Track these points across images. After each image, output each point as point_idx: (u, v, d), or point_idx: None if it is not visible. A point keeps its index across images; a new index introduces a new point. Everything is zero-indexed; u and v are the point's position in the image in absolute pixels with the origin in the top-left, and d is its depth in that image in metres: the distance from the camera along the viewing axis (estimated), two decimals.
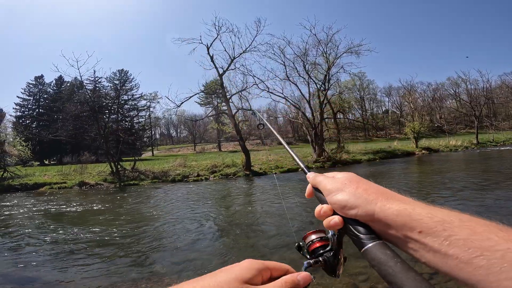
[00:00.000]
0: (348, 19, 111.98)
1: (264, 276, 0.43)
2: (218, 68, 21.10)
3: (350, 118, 49.34)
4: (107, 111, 39.97)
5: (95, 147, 27.59)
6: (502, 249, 0.32)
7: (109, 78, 47.30)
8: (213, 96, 35.67)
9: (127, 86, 49.76)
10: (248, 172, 17.86)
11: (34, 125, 44.96)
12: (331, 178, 0.51)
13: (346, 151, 23.91)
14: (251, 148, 36.67)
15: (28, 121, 45.35)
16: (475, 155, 22.73)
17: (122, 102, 46.63)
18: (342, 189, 0.48)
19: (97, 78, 41.90)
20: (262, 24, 24.27)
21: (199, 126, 60.99)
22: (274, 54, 23.87)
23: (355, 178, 0.49)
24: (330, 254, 0.46)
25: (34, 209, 10.48)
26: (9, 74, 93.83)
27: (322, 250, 0.47)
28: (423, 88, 62.92)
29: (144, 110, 51.95)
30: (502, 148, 27.07)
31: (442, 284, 3.44)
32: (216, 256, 5.13)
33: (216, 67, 21.02)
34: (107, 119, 30.96)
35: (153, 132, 63.73)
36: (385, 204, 0.43)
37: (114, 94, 40.92)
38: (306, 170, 0.62)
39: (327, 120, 27.89)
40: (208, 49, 20.72)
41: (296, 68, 24.39)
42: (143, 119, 52.43)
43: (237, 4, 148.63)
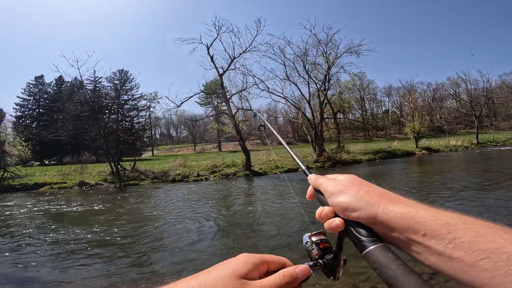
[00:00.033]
0: (348, 19, 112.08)
1: (261, 270, 0.43)
2: (218, 68, 21.14)
3: (350, 118, 49.36)
4: (107, 111, 39.98)
5: (95, 147, 27.60)
6: (508, 252, 0.32)
7: (109, 78, 47.40)
8: (213, 96, 35.69)
9: (127, 86, 49.79)
10: (248, 172, 17.86)
11: (34, 125, 44.98)
12: (333, 180, 0.51)
13: (346, 151, 23.90)
14: (251, 148, 36.67)
15: (28, 121, 45.37)
16: (475, 155, 22.72)
17: (122, 102, 46.65)
18: (344, 191, 0.47)
19: (97, 78, 41.98)
20: (262, 24, 24.28)
21: (199, 126, 61.02)
22: (274, 54, 23.91)
23: (357, 180, 0.49)
24: (330, 257, 0.46)
25: (34, 209, 10.48)
26: (9, 74, 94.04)
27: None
28: (423, 88, 63.09)
29: (144, 110, 52.01)
30: (502, 148, 27.06)
31: (442, 284, 3.44)
32: (216, 256, 5.13)
33: (216, 67, 21.06)
34: (107, 119, 30.96)
35: (153, 132, 63.76)
36: (387, 206, 0.42)
37: (114, 94, 40.92)
38: (307, 171, 0.62)
39: (327, 120, 27.89)
40: (208, 49, 20.74)
41: (296, 68, 24.44)
42: (143, 119, 52.49)
43: (237, 4, 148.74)
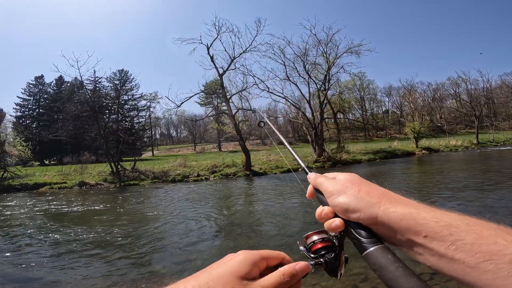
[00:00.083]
0: (348, 19, 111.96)
1: (260, 267, 0.42)
2: (218, 68, 21.15)
3: (350, 118, 49.42)
4: (107, 111, 40.01)
5: (95, 147, 27.61)
6: (510, 253, 0.32)
7: (109, 78, 47.36)
8: (213, 96, 35.70)
9: (127, 86, 49.78)
10: (248, 172, 17.86)
11: (34, 125, 44.97)
12: (333, 180, 0.50)
13: (346, 151, 23.90)
14: (251, 148, 36.68)
15: (28, 121, 45.38)
16: (475, 155, 22.72)
17: (122, 102, 46.65)
18: (344, 191, 0.47)
19: (97, 78, 41.98)
20: (262, 24, 24.23)
21: (199, 126, 61.01)
22: (274, 54, 23.91)
23: (357, 180, 0.48)
24: (331, 256, 0.46)
25: (34, 209, 10.48)
26: (9, 74, 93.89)
27: (324, 251, 0.47)
28: (423, 88, 63.03)
29: (144, 110, 52.03)
30: (502, 148, 27.06)
31: (443, 284, 3.44)
32: (216, 256, 5.11)
33: (216, 67, 21.07)
34: (107, 119, 31.00)
35: (153, 132, 63.78)
36: (388, 207, 0.42)
37: (114, 94, 40.95)
38: (307, 170, 0.62)
39: (327, 120, 27.91)
40: (208, 49, 20.76)
41: (296, 68, 24.44)
42: (143, 119, 52.50)
43: (237, 4, 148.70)
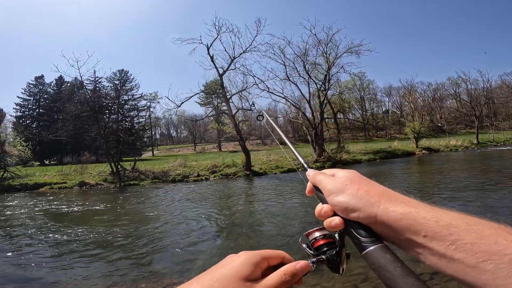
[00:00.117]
0: (348, 20, 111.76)
1: (262, 267, 0.43)
2: (218, 68, 21.14)
3: (350, 118, 49.44)
4: (107, 111, 40.03)
5: (95, 147, 27.61)
6: (510, 253, 0.31)
7: (109, 78, 47.40)
8: (213, 96, 35.71)
9: (127, 86, 49.79)
10: (248, 172, 17.86)
11: (34, 125, 44.98)
12: (332, 178, 0.50)
13: (346, 151, 23.91)
14: (251, 148, 36.67)
15: (28, 121, 45.38)
16: (475, 155, 22.72)
17: (122, 102, 46.67)
18: (343, 190, 0.46)
19: (97, 78, 41.97)
20: (262, 24, 24.21)
21: (199, 126, 61.03)
22: (274, 54, 23.88)
23: (356, 178, 0.48)
24: (333, 253, 0.46)
25: (34, 209, 10.49)
26: (9, 74, 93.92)
27: (326, 248, 0.47)
28: (423, 88, 63.06)
29: (144, 110, 52.05)
30: (502, 148, 27.05)
31: (443, 284, 3.44)
32: (217, 256, 5.13)
33: (216, 67, 21.06)
34: (107, 119, 31.03)
35: (153, 132, 63.80)
36: (388, 206, 0.41)
37: (114, 94, 40.98)
38: (306, 166, 0.62)
39: (327, 120, 27.92)
40: (208, 49, 20.75)
41: (296, 68, 24.42)
42: (143, 119, 52.52)
43: (237, 4, 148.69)
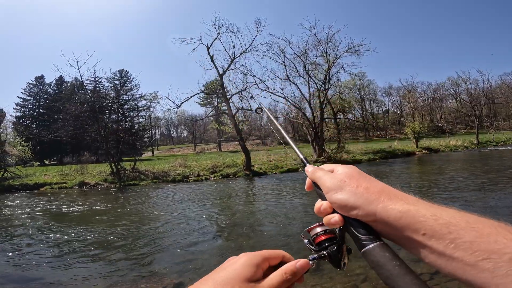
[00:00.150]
0: (348, 19, 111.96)
1: (263, 268, 0.43)
2: (218, 68, 21.13)
3: (350, 118, 49.39)
4: (108, 111, 40.04)
5: (96, 147, 27.58)
6: (510, 252, 0.31)
7: (109, 78, 47.42)
8: (213, 96, 35.68)
9: (127, 86, 49.81)
10: (248, 172, 17.86)
11: (34, 125, 45.01)
12: (330, 174, 0.50)
13: (346, 151, 23.92)
14: (251, 148, 36.66)
15: (28, 121, 45.40)
16: (475, 155, 22.72)
17: (123, 102, 46.70)
18: (342, 187, 0.46)
19: (97, 78, 41.97)
20: (262, 24, 24.17)
21: (199, 126, 61.04)
22: (274, 54, 23.91)
23: (355, 175, 0.47)
24: (334, 248, 0.46)
25: (34, 209, 10.48)
26: (9, 74, 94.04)
27: (327, 243, 0.47)
28: (424, 88, 63.09)
29: (144, 110, 52.06)
30: (502, 148, 27.04)
31: (443, 284, 3.44)
32: (217, 256, 5.13)
33: (216, 67, 21.05)
34: (107, 119, 31.03)
35: (153, 132, 63.83)
36: (387, 204, 0.41)
37: (114, 94, 40.99)
38: (305, 161, 0.61)
39: (327, 120, 27.92)
40: (208, 49, 20.75)
41: (296, 68, 24.44)
42: (143, 119, 52.54)
43: (237, 4, 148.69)
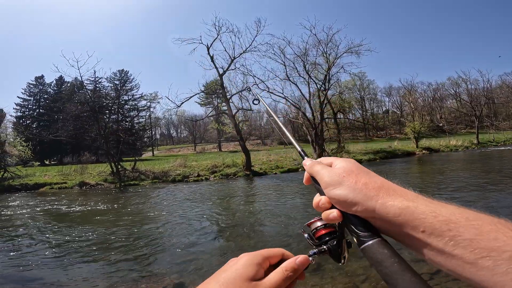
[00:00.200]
0: (348, 19, 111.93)
1: (264, 267, 0.43)
2: (218, 68, 21.14)
3: (350, 118, 49.37)
4: (108, 111, 40.04)
5: (96, 147, 27.57)
6: (510, 250, 0.31)
7: (109, 78, 47.44)
8: (213, 96, 35.66)
9: (127, 86, 49.83)
10: (248, 172, 17.86)
11: (34, 125, 45.01)
12: (329, 169, 0.49)
13: (346, 151, 23.93)
14: (251, 148, 36.66)
15: (28, 121, 45.40)
16: (475, 155, 22.71)
17: (123, 102, 46.69)
18: (341, 182, 0.45)
19: (97, 78, 41.94)
20: (262, 24, 24.17)
21: (199, 126, 61.05)
22: (274, 54, 23.86)
23: (354, 169, 0.47)
24: (334, 243, 0.46)
25: (34, 209, 10.49)
26: (9, 74, 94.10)
27: (327, 238, 0.47)
28: (424, 88, 63.12)
29: (144, 110, 52.06)
30: (502, 148, 27.03)
31: (443, 284, 3.43)
32: (217, 256, 5.12)
33: (216, 67, 21.06)
34: (107, 119, 31.07)
35: (153, 132, 63.81)
36: (386, 200, 0.41)
37: (114, 94, 41.01)
38: (302, 154, 0.60)
39: (327, 120, 27.92)
40: (208, 49, 20.76)
41: (296, 68, 24.41)
42: (144, 119, 52.54)
43: (237, 4, 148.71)
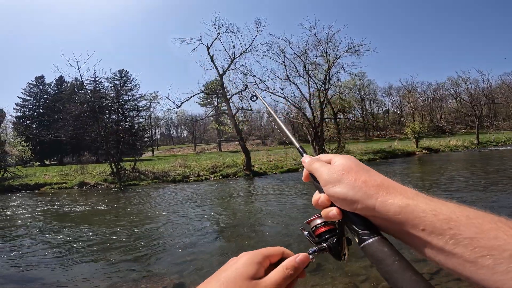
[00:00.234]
0: (348, 19, 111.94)
1: (265, 266, 0.43)
2: (218, 68, 21.15)
3: (351, 118, 49.36)
4: (108, 111, 40.04)
5: (96, 147, 27.58)
6: (510, 249, 0.31)
7: (109, 78, 47.45)
8: (213, 96, 35.67)
9: (127, 86, 49.84)
10: (248, 172, 17.86)
11: (34, 126, 45.00)
12: (328, 166, 0.49)
13: (346, 151, 23.92)
14: (251, 148, 36.66)
15: (28, 121, 45.41)
16: (475, 155, 22.71)
17: (123, 102, 46.71)
18: (340, 180, 0.45)
19: (97, 78, 41.94)
20: (262, 24, 24.19)
21: (199, 126, 61.06)
22: (274, 54, 23.87)
23: (354, 166, 0.46)
24: (334, 241, 0.46)
25: (34, 209, 10.49)
26: (9, 74, 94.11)
27: (327, 235, 0.47)
28: (424, 88, 63.09)
29: (144, 110, 52.07)
30: (502, 148, 27.02)
31: (443, 284, 3.43)
32: (218, 256, 5.12)
33: (216, 67, 21.06)
34: (107, 119, 31.08)
35: (153, 132, 63.82)
36: (386, 199, 0.41)
37: (114, 94, 41.02)
38: (301, 151, 0.60)
39: (327, 120, 27.93)
40: (208, 49, 20.76)
41: (296, 68, 24.42)
42: (144, 119, 52.55)
43: (237, 4, 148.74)
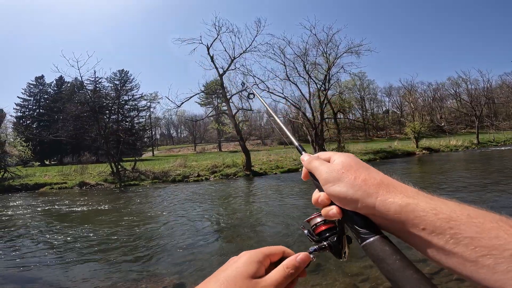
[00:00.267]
0: (348, 19, 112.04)
1: (265, 265, 0.43)
2: (218, 68, 21.14)
3: (351, 118, 49.35)
4: (108, 112, 40.05)
5: (96, 147, 27.58)
6: (511, 249, 0.31)
7: (110, 78, 47.50)
8: (213, 96, 35.68)
9: (127, 86, 49.87)
10: (248, 172, 17.86)
11: (34, 126, 45.03)
12: (327, 165, 0.48)
13: (346, 151, 23.47)
14: (251, 148, 36.68)
15: (28, 122, 45.46)
16: (475, 155, 22.69)
17: (123, 102, 46.72)
18: (339, 179, 0.44)
19: (97, 79, 41.95)
20: (262, 24, 24.21)
21: (199, 126, 61.09)
22: (274, 54, 23.88)
23: (353, 165, 0.46)
24: (334, 239, 0.46)
25: (34, 209, 10.48)
26: (9, 74, 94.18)
27: (328, 233, 0.47)
28: (424, 88, 63.17)
29: (144, 110, 52.10)
30: (502, 148, 27.00)
31: (443, 284, 3.42)
32: (218, 256, 5.12)
33: (216, 67, 21.06)
34: (107, 120, 31.08)
35: (153, 132, 63.85)
36: (386, 198, 0.40)
37: (114, 94, 41.01)
38: (300, 149, 0.60)
39: (327, 120, 27.93)
40: (208, 49, 20.75)
41: (296, 68, 24.43)
42: (144, 119, 52.59)
43: (237, 4, 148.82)
